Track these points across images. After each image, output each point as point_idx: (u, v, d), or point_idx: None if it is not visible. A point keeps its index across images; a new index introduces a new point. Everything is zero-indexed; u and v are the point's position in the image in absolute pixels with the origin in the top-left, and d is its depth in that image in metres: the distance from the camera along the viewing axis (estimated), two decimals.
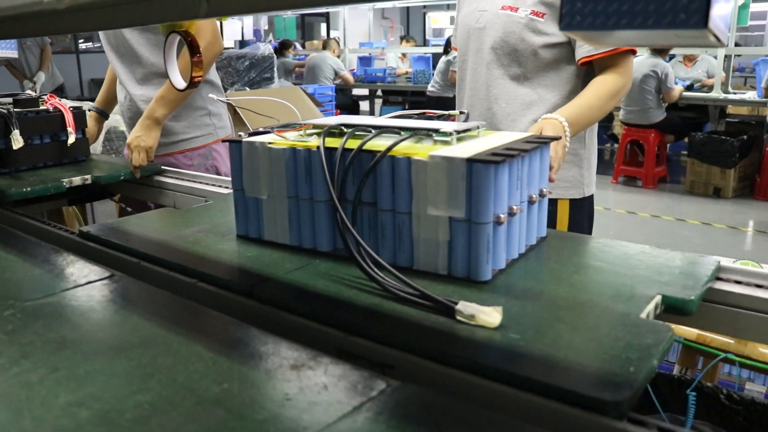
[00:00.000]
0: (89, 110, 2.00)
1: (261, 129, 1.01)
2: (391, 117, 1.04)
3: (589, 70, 1.50)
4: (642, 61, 5.98)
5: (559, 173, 1.51)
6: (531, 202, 0.92)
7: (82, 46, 9.64)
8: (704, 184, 5.95)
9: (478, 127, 0.93)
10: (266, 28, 7.08)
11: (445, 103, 7.28)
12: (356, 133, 0.91)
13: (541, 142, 0.91)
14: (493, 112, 1.54)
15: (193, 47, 1.00)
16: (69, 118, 1.71)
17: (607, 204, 5.66)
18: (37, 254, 0.99)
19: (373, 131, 0.90)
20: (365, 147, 0.86)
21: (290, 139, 0.94)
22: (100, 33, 1.97)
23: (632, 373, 0.62)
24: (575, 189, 1.58)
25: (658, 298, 0.79)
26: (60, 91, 6.35)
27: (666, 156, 6.53)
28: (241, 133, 0.98)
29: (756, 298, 0.86)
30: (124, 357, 0.65)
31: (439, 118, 1.05)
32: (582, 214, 1.61)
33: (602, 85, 1.43)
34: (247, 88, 5.39)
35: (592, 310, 0.76)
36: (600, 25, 0.43)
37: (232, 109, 4.39)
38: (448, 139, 0.87)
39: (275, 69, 5.84)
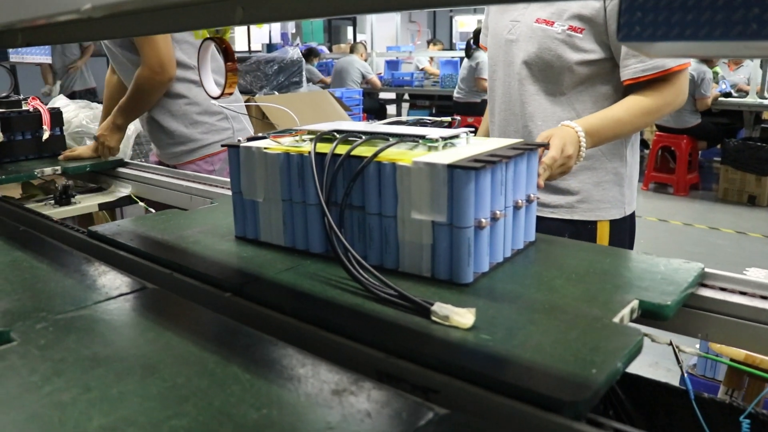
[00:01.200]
0: (94, 137, 2.10)
1: (260, 134, 1.05)
2: (386, 123, 1.08)
3: (632, 87, 1.42)
4: None
5: (599, 193, 1.49)
6: (517, 207, 0.95)
7: None
8: (738, 192, 5.85)
9: (466, 134, 0.96)
10: (293, 31, 7.18)
11: (473, 109, 7.29)
12: (348, 138, 0.95)
13: (527, 148, 0.94)
14: (530, 130, 1.49)
15: (227, 54, 1.02)
16: (45, 117, 1.99)
17: (638, 211, 5.58)
18: (69, 263, 0.99)
19: (363, 137, 0.94)
20: (354, 153, 0.90)
21: (285, 144, 0.99)
22: (108, 53, 2.06)
23: (593, 374, 0.65)
24: (616, 209, 1.53)
25: (634, 303, 0.81)
26: (92, 95, 6.53)
27: (698, 162, 6.44)
28: (240, 138, 1.03)
29: (739, 305, 0.88)
30: (158, 377, 0.63)
31: (434, 124, 1.08)
32: (623, 233, 1.56)
33: (637, 101, 1.38)
34: (275, 92, 5.42)
35: (565, 314, 0.78)
36: (662, 36, 0.40)
37: (261, 113, 4.48)
38: (436, 145, 0.91)
39: (304, 73, 5.91)
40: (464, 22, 14.53)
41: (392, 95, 8.78)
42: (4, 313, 0.80)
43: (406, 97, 8.76)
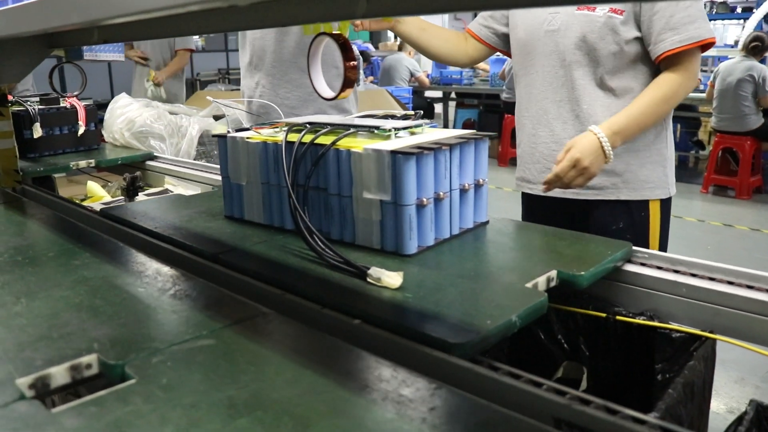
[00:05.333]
0: None
1: (245, 126, 1.25)
2: (358, 116, 1.26)
3: (662, 65, 1.58)
4: (735, 66, 5.88)
5: (645, 174, 1.64)
6: (464, 189, 1.11)
7: None
8: None
9: (421, 125, 1.13)
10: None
11: None
12: (316, 129, 1.14)
13: (474, 138, 1.11)
14: (576, 114, 1.64)
15: (347, 51, 0.97)
16: (81, 113, 2.21)
17: (700, 215, 5.57)
18: (165, 279, 0.97)
19: (327, 128, 1.12)
20: (320, 141, 1.09)
21: (264, 134, 1.18)
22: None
23: (487, 324, 0.81)
24: (661, 189, 1.67)
25: (552, 273, 0.96)
26: None
27: (761, 164, 6.34)
28: (229, 129, 1.23)
29: (663, 280, 1.02)
30: None
31: (402, 117, 1.25)
32: (667, 214, 1.71)
33: (658, 89, 1.54)
34: None
35: (485, 279, 0.95)
36: None
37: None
38: (389, 134, 1.08)
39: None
40: None
41: (439, 94, 8.92)
42: (113, 341, 0.76)
43: (453, 95, 8.88)
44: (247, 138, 1.18)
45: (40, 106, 2.15)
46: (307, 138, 1.09)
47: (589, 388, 1.05)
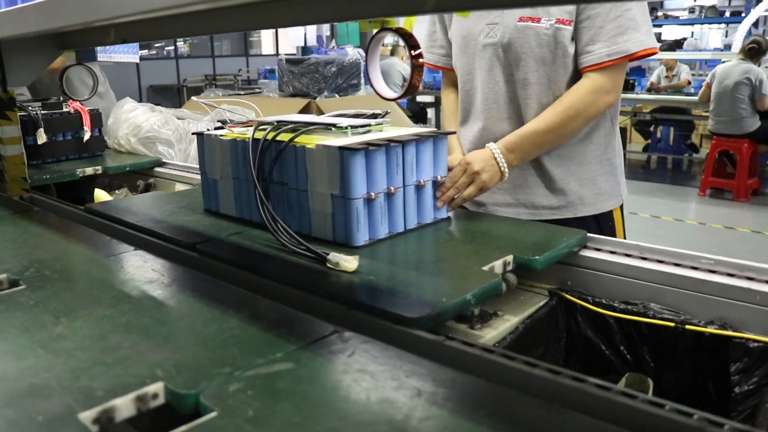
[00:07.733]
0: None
1: (221, 125, 1.34)
2: (329, 116, 1.35)
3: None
4: (732, 69, 5.99)
5: (597, 187, 1.56)
6: (419, 186, 1.20)
7: (142, 52, 10.23)
8: None
9: (381, 123, 1.22)
10: (328, 33, 7.36)
11: None
12: (280, 127, 1.22)
13: (430, 135, 1.20)
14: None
15: (414, 47, 0.91)
16: (86, 119, 2.17)
17: (700, 218, 5.65)
18: (219, 295, 0.93)
19: (289, 125, 1.21)
20: (280, 138, 1.18)
21: (235, 132, 1.27)
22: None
23: (442, 302, 0.88)
24: (614, 199, 1.61)
25: (509, 257, 1.05)
26: None
27: (758, 167, 6.44)
28: (208, 128, 1.32)
29: (616, 264, 1.10)
30: None
31: (370, 116, 1.33)
32: (623, 218, 1.65)
33: (560, 105, 1.44)
34: (336, 95, 5.36)
35: (445, 264, 1.04)
36: None
37: (319, 111, 4.74)
38: (345, 131, 1.17)
39: (362, 75, 5.96)
40: None
41: (431, 98, 9.04)
42: (178, 367, 0.70)
43: None
44: (221, 135, 1.27)
45: (43, 111, 2.08)
46: (272, 135, 1.18)
47: None
